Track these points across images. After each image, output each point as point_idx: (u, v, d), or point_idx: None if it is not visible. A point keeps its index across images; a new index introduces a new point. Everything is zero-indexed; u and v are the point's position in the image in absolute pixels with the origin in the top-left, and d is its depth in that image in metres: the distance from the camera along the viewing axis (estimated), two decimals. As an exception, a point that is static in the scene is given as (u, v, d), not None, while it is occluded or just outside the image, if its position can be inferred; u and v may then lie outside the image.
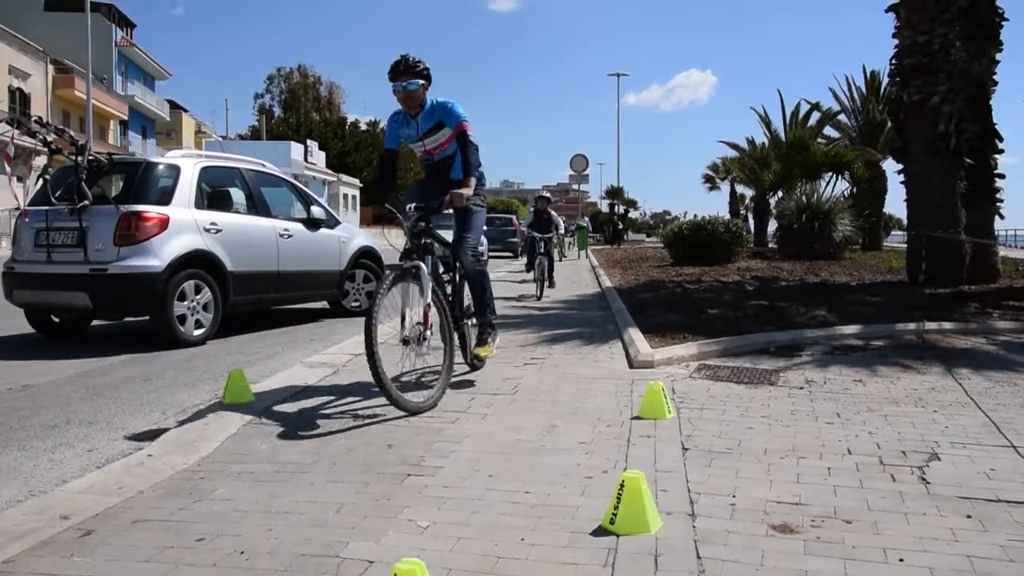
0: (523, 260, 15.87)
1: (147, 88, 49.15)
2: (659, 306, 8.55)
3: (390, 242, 5.45)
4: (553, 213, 13.04)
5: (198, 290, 6.77)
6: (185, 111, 54.66)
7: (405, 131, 4.70)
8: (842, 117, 27.24)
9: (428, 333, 4.16)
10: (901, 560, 2.34)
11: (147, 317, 6.69)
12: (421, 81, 4.49)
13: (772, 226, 25.76)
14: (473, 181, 4.50)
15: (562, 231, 14.13)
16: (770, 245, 25.90)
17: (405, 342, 4.15)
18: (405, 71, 4.45)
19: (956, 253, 10.18)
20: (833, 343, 6.23)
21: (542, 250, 11.73)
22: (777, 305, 8.38)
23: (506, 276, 15.52)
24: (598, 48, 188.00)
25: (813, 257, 16.95)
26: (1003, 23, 10.55)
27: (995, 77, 10.74)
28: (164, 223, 6.52)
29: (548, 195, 13.46)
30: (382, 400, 4.01)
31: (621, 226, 43.49)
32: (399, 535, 2.51)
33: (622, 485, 2.53)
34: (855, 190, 24.13)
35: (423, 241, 4.42)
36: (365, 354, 3.85)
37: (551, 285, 12.22)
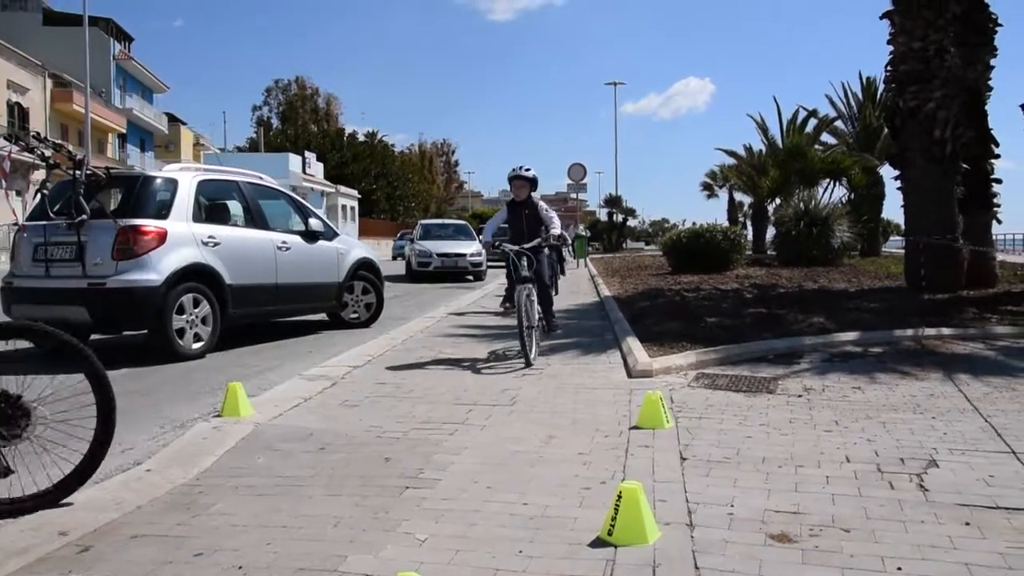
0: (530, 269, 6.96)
1: (145, 101, 49.24)
2: (657, 315, 8.55)
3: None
4: (543, 206, 6.86)
5: (196, 303, 6.78)
6: (183, 124, 54.76)
7: None
8: (839, 124, 27.36)
9: None
10: (899, 569, 2.33)
11: (146, 331, 6.70)
12: None
13: (770, 233, 25.78)
14: None
15: (556, 233, 6.75)
16: (768, 252, 25.91)
17: None
18: None
19: (954, 258, 10.19)
20: (832, 350, 6.24)
21: (525, 272, 6.33)
22: (775, 312, 8.38)
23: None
24: (595, 57, 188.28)
25: (811, 264, 16.96)
26: (997, 29, 10.60)
27: (990, 82, 10.79)
28: (162, 237, 6.53)
29: (529, 173, 6.77)
30: (380, 413, 4.00)
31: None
32: (397, 548, 2.51)
33: (620, 496, 2.53)
34: (853, 196, 24.17)
35: None
36: None
37: (550, 329, 6.90)
